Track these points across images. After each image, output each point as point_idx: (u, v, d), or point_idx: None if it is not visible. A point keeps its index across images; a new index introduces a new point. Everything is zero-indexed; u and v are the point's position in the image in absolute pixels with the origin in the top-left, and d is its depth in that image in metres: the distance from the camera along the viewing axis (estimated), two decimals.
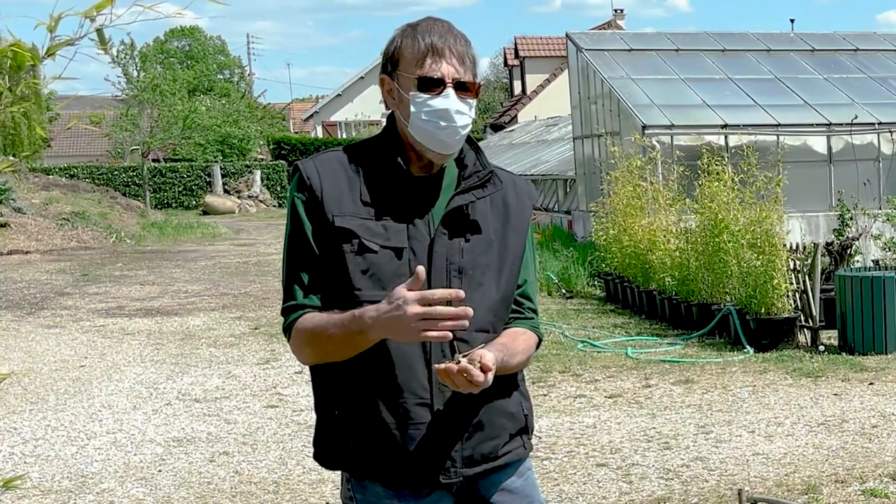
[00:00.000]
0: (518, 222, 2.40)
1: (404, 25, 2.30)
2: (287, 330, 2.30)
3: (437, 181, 2.33)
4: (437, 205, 2.30)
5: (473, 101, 2.28)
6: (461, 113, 2.24)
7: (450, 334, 2.06)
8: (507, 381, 2.36)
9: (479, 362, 2.14)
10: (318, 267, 2.27)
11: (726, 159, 11.01)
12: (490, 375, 2.15)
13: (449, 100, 2.22)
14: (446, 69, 2.22)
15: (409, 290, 2.05)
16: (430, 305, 2.04)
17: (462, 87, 2.25)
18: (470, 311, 2.05)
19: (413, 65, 2.23)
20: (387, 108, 2.37)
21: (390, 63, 2.28)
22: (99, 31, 1.85)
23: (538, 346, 2.47)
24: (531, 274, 2.46)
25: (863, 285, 8.79)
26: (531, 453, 2.53)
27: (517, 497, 2.43)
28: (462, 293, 2.06)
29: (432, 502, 2.32)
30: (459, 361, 2.13)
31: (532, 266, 2.47)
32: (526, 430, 2.46)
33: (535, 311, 2.47)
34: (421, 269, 2.06)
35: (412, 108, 2.24)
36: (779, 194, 9.68)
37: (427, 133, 2.24)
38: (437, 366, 2.15)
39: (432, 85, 2.22)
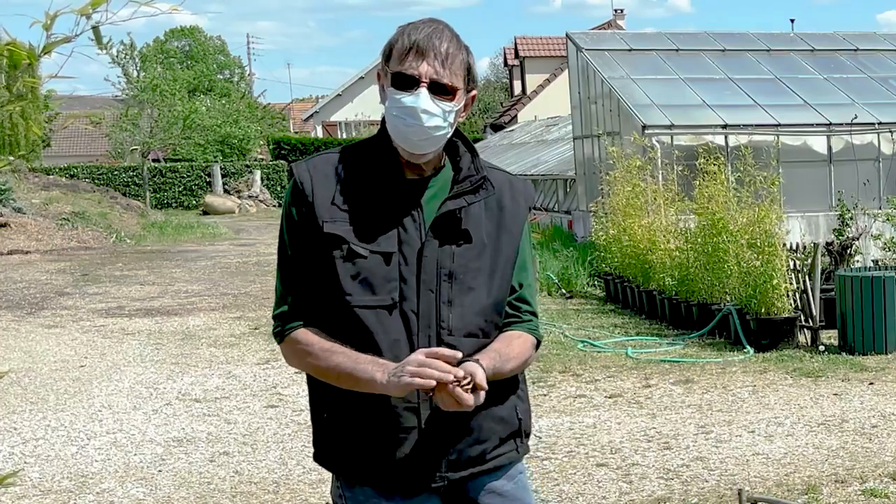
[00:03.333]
0: (512, 225, 2.38)
1: (405, 24, 2.30)
2: (279, 335, 2.34)
3: (432, 184, 2.32)
4: (430, 209, 2.29)
5: (451, 105, 2.24)
6: (430, 113, 2.21)
7: (432, 382, 2.12)
8: (503, 385, 2.34)
9: (472, 381, 2.15)
10: (309, 273, 2.28)
11: (724, 159, 11.01)
12: (482, 395, 2.16)
13: (419, 98, 2.21)
14: (424, 69, 2.21)
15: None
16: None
17: (439, 90, 2.22)
18: (460, 372, 2.14)
19: (396, 61, 2.23)
20: (382, 102, 2.37)
21: (384, 57, 2.29)
22: (95, 28, 1.85)
23: (538, 347, 2.45)
24: (528, 277, 2.44)
25: (863, 285, 8.79)
26: (528, 455, 2.51)
27: (506, 501, 2.41)
28: (458, 354, 2.16)
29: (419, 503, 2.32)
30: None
31: (529, 269, 2.45)
32: (519, 433, 2.43)
33: (533, 314, 2.45)
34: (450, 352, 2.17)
35: (388, 103, 2.26)
36: (775, 194, 9.67)
37: (396, 129, 2.25)
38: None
39: (406, 82, 2.22)
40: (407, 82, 2.21)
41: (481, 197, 2.33)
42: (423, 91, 2.21)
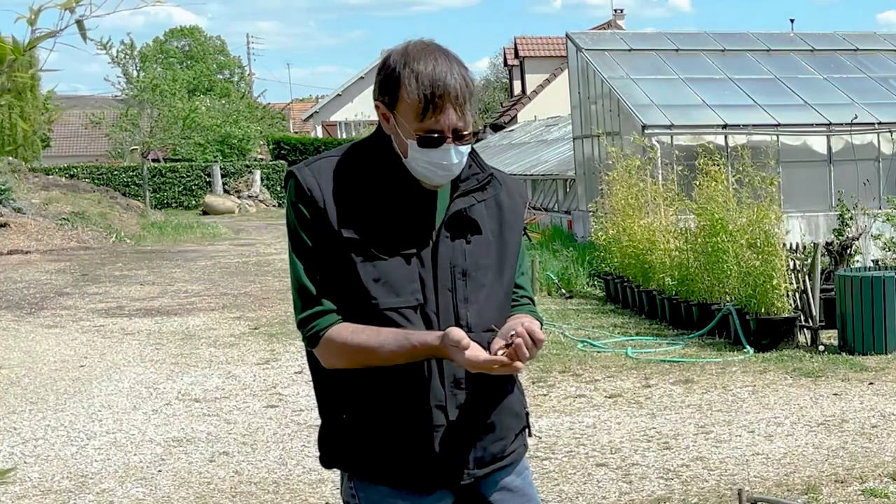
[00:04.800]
0: (513, 220, 2.42)
1: (401, 54, 2.23)
2: (314, 337, 2.26)
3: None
4: (439, 208, 2.31)
5: (470, 143, 2.27)
6: (458, 162, 2.25)
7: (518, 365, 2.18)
8: (511, 379, 2.39)
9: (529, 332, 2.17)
10: (328, 273, 2.26)
11: (724, 159, 11.01)
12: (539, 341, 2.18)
13: (449, 154, 2.22)
14: (445, 122, 2.20)
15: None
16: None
17: (460, 136, 2.23)
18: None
19: (412, 116, 2.20)
20: (387, 131, 2.34)
21: (388, 96, 2.24)
22: (79, 22, 1.84)
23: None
24: (524, 265, 2.49)
25: (863, 285, 8.79)
26: (529, 453, 2.55)
27: (516, 495, 2.45)
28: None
29: (434, 501, 2.34)
30: (496, 353, 2.17)
31: (526, 258, 2.51)
32: (527, 427, 2.50)
33: (531, 300, 2.50)
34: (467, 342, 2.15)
35: (410, 152, 2.24)
36: (774, 194, 9.67)
37: (422, 175, 2.26)
38: (495, 345, 2.18)
39: (432, 142, 2.21)
40: (430, 142, 2.21)
41: (488, 194, 2.36)
42: (451, 146, 2.22)
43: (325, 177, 2.27)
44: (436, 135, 2.20)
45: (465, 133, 2.24)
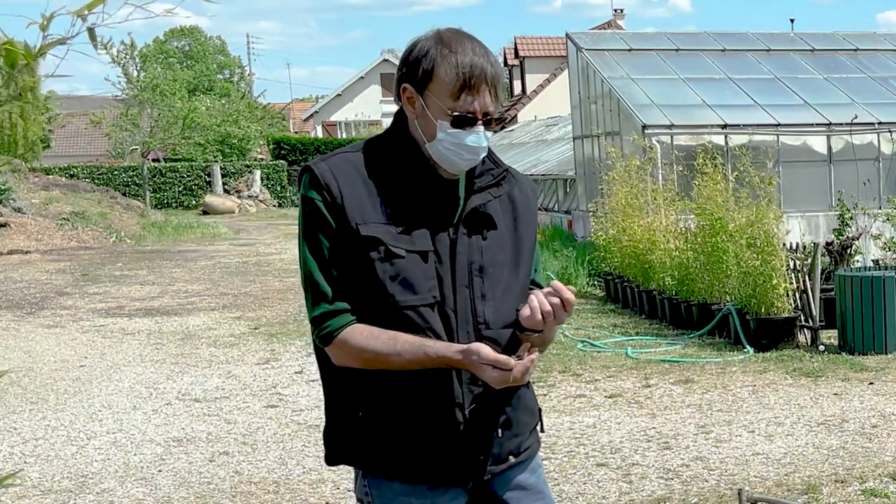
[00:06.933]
0: (527, 215, 2.42)
1: (437, 39, 2.23)
2: (326, 337, 2.25)
3: (453, 180, 2.33)
4: (453, 204, 2.31)
5: (493, 131, 2.31)
6: (485, 146, 2.28)
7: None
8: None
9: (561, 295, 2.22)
10: (344, 269, 2.24)
11: (722, 159, 11.00)
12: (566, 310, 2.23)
13: (480, 137, 2.24)
14: (479, 104, 2.22)
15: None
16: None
17: (489, 122, 2.26)
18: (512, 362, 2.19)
19: (447, 95, 2.21)
20: (397, 100, 2.32)
21: (419, 76, 2.23)
22: (90, 29, 1.84)
23: None
24: (538, 262, 2.51)
25: (863, 285, 8.79)
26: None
27: (530, 493, 2.44)
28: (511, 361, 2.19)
29: (449, 499, 2.33)
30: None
31: (539, 256, 2.51)
32: (540, 423, 2.50)
33: None
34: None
35: (439, 134, 2.23)
36: (772, 193, 9.67)
37: (447, 159, 2.26)
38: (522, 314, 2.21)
39: (467, 121, 2.22)
40: (465, 122, 2.23)
41: (504, 190, 2.37)
42: (481, 129, 2.24)
43: (342, 172, 2.25)
44: (470, 114, 2.22)
45: (494, 118, 2.27)
